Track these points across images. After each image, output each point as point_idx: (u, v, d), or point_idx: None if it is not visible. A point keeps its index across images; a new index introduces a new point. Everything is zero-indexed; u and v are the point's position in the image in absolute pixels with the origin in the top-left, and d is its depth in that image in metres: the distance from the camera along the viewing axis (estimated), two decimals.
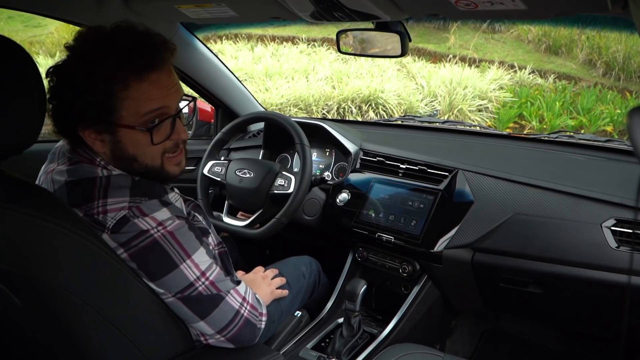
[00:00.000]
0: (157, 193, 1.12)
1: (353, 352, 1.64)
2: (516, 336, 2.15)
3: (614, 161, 1.81)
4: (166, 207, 1.10)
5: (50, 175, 1.15)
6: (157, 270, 1.07)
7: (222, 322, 1.14)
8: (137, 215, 1.05)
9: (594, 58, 8.21)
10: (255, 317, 1.21)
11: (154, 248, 1.05)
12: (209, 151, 2.04)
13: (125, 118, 1.07)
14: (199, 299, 1.11)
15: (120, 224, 1.05)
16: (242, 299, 1.19)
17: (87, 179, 1.10)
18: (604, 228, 1.51)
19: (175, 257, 1.07)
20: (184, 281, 1.08)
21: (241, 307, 1.18)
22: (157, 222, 1.06)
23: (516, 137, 2.24)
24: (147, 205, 1.07)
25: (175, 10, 1.60)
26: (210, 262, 1.14)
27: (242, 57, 8.44)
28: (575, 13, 1.13)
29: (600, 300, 1.57)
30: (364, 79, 7.63)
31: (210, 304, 1.12)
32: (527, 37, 8.95)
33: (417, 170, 1.89)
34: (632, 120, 0.53)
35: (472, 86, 7.25)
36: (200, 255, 1.12)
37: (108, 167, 1.13)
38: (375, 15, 1.37)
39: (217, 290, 1.13)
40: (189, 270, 1.09)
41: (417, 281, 1.80)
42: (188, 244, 1.09)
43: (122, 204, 1.06)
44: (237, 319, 1.16)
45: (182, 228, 1.10)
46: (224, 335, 1.16)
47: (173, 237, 1.07)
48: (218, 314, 1.13)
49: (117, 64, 1.04)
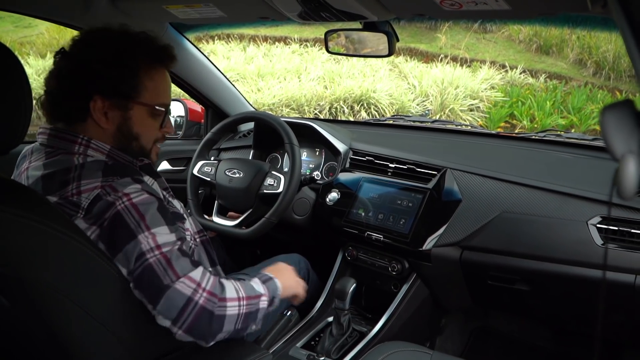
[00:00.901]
0: (129, 173, 1.15)
1: (342, 350, 1.64)
2: (505, 334, 2.16)
3: (601, 159, 1.82)
4: (139, 183, 1.13)
5: (25, 173, 1.18)
6: (118, 243, 1.07)
7: (174, 309, 1.07)
8: (109, 193, 1.08)
9: (584, 58, 8.26)
10: (213, 303, 1.11)
11: (117, 220, 1.07)
12: (199, 151, 2.04)
13: (145, 97, 1.22)
14: (148, 275, 1.06)
15: (93, 203, 1.07)
16: (196, 285, 1.10)
17: (63, 169, 1.13)
18: (590, 226, 1.52)
19: (135, 228, 1.07)
20: (138, 251, 1.06)
21: (195, 294, 1.09)
22: (123, 193, 1.08)
23: (504, 136, 2.25)
24: (120, 182, 1.10)
25: (164, 11, 1.61)
26: (172, 240, 1.11)
27: (234, 58, 8.44)
28: (558, 13, 1.14)
29: (586, 297, 1.58)
30: (356, 79, 7.65)
31: (159, 287, 1.06)
32: (518, 37, 8.99)
33: (406, 170, 1.90)
34: (604, 118, 0.55)
35: (463, 86, 7.28)
36: (162, 229, 1.10)
37: (88, 149, 1.16)
38: (362, 15, 1.38)
39: (169, 266, 1.08)
40: (145, 240, 1.07)
41: (406, 279, 1.81)
42: (150, 218, 1.09)
43: (95, 184, 1.09)
44: (190, 307, 1.08)
45: (149, 203, 1.11)
46: (180, 327, 1.08)
47: (135, 209, 1.08)
48: (166, 300, 1.07)
49: (146, 51, 1.21)
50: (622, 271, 1.46)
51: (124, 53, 1.17)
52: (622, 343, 1.71)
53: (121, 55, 1.16)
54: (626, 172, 0.52)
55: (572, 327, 1.90)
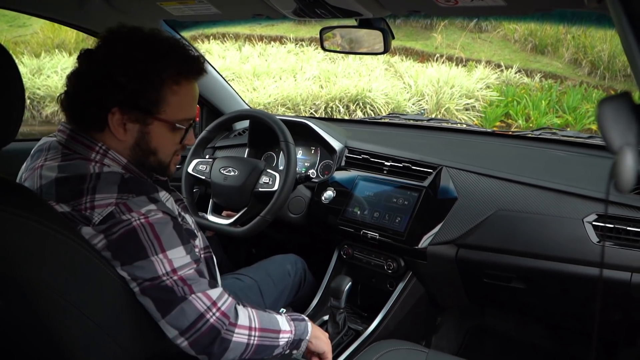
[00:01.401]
0: (145, 190, 1.11)
1: (338, 348, 1.64)
2: (501, 332, 2.16)
3: (596, 157, 1.82)
4: (154, 203, 1.09)
5: (38, 171, 1.13)
6: (128, 256, 1.04)
7: (183, 323, 1.07)
8: (123, 212, 1.05)
9: (579, 57, 8.29)
10: (223, 325, 1.11)
11: (130, 235, 1.04)
12: (194, 149, 2.03)
13: (167, 113, 1.15)
14: (163, 291, 1.06)
15: (106, 219, 1.04)
16: (211, 303, 1.10)
17: (77, 175, 1.09)
18: (586, 223, 1.52)
19: (148, 248, 1.05)
20: (152, 272, 1.05)
21: (208, 312, 1.09)
22: (140, 214, 1.05)
23: (500, 134, 2.26)
24: (135, 201, 1.07)
25: (158, 8, 1.60)
26: (188, 262, 1.10)
27: (229, 57, 8.43)
28: (553, 9, 1.14)
29: (582, 295, 1.58)
30: (351, 78, 7.65)
31: (173, 300, 1.06)
32: (513, 37, 9.00)
33: (401, 168, 1.89)
34: (601, 111, 0.54)
35: (459, 85, 7.30)
36: (177, 252, 1.08)
37: (107, 154, 1.13)
38: (357, 11, 1.37)
39: (185, 286, 1.07)
40: (160, 264, 1.05)
41: (402, 278, 1.81)
42: (166, 239, 1.07)
43: (109, 199, 1.05)
44: (200, 323, 1.08)
45: (165, 224, 1.08)
46: (186, 337, 1.08)
47: (152, 229, 1.05)
48: (179, 313, 1.07)
49: (174, 64, 1.13)
50: (618, 269, 1.46)
51: (149, 64, 1.10)
52: (617, 341, 1.71)
53: (146, 68, 1.10)
54: (624, 165, 0.52)
55: (568, 325, 1.90)
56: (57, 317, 1.00)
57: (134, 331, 1.10)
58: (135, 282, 1.06)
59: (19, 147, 1.23)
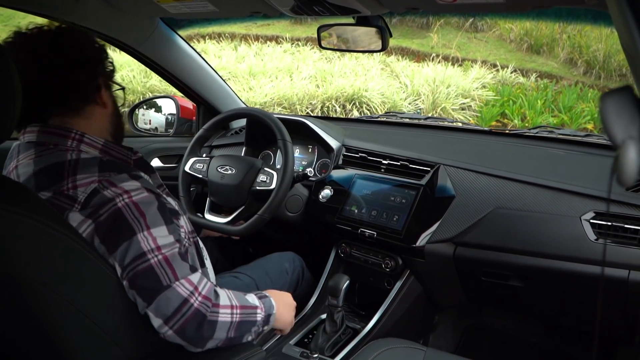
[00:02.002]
0: (125, 169, 1.13)
1: (336, 347, 1.64)
2: (499, 330, 2.16)
3: (593, 155, 1.83)
4: (137, 180, 1.11)
5: (14, 172, 1.14)
6: (116, 238, 1.05)
7: (168, 310, 1.06)
8: (106, 187, 1.06)
9: (575, 57, 8.30)
10: (207, 308, 1.11)
11: (116, 216, 1.05)
12: (190, 148, 2.02)
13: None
14: (148, 274, 1.05)
15: (90, 197, 1.05)
16: (193, 288, 1.09)
17: (55, 164, 1.10)
18: (583, 221, 1.52)
19: (134, 226, 1.06)
20: (136, 250, 1.05)
21: (191, 297, 1.08)
22: (124, 190, 1.07)
23: (497, 132, 2.26)
24: (117, 178, 1.09)
25: (155, 5, 1.59)
26: (171, 241, 1.10)
27: (225, 57, 8.41)
28: (552, 6, 1.14)
29: (579, 293, 1.58)
30: (347, 78, 7.64)
31: (157, 289, 1.05)
32: (509, 37, 9.01)
33: (399, 166, 1.89)
34: (604, 105, 0.54)
35: (455, 85, 7.30)
36: (161, 231, 1.09)
37: (81, 144, 1.14)
38: (356, 9, 1.37)
39: (169, 267, 1.07)
40: (145, 241, 1.06)
41: (400, 276, 1.81)
42: (150, 217, 1.08)
43: (92, 178, 1.08)
44: (184, 309, 1.07)
45: (149, 202, 1.10)
46: (171, 326, 1.07)
47: (136, 207, 1.07)
48: (163, 300, 1.06)
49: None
50: (616, 266, 1.47)
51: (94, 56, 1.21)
52: (615, 339, 1.72)
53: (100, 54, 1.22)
54: (627, 158, 0.51)
55: (566, 323, 1.91)
56: (54, 315, 0.99)
57: (131, 329, 1.09)
58: (124, 271, 1.06)
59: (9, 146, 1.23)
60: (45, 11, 1.72)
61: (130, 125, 2.51)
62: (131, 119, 2.51)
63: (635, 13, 0.53)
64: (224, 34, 9.10)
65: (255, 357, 1.21)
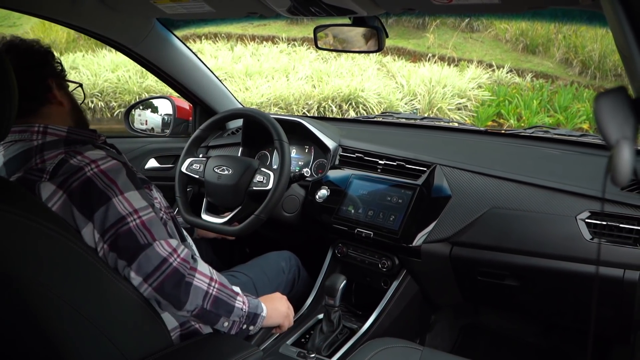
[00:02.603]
0: (90, 142, 1.20)
1: (333, 347, 1.64)
2: (495, 330, 2.17)
3: (589, 155, 1.84)
4: (102, 150, 1.16)
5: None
6: (91, 205, 1.09)
7: (148, 267, 1.11)
8: (73, 156, 1.12)
9: (570, 57, 8.33)
10: (185, 268, 1.16)
11: (88, 184, 1.09)
12: (187, 148, 2.01)
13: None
14: (128, 237, 1.10)
15: (59, 166, 1.10)
16: (172, 250, 1.15)
17: (22, 151, 1.15)
18: (579, 220, 1.53)
19: (108, 192, 1.10)
20: (115, 214, 1.10)
21: (170, 256, 1.14)
22: (91, 160, 1.12)
23: (493, 132, 2.26)
24: (83, 148, 1.15)
25: (151, 6, 1.59)
26: (145, 205, 1.16)
27: (221, 57, 8.42)
28: (547, 7, 1.14)
29: (575, 292, 1.59)
30: (344, 78, 7.66)
31: (138, 248, 1.11)
32: (505, 37, 9.04)
33: (395, 166, 1.89)
34: (598, 105, 0.54)
35: (451, 85, 7.32)
36: (134, 195, 1.14)
37: (46, 135, 1.18)
38: (352, 10, 1.37)
39: (146, 230, 1.13)
40: (121, 205, 1.11)
41: (397, 276, 1.81)
42: (121, 182, 1.13)
43: (58, 151, 1.13)
44: (163, 267, 1.13)
45: (117, 170, 1.14)
46: (150, 283, 1.11)
47: (105, 175, 1.11)
48: (144, 258, 1.11)
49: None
50: (611, 265, 1.47)
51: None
52: (611, 338, 1.72)
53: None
54: (620, 158, 0.52)
55: (562, 322, 1.91)
56: (52, 315, 0.99)
57: (128, 330, 1.10)
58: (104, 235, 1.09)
59: None
60: (42, 12, 1.72)
61: (126, 125, 2.51)
62: (127, 120, 2.51)
63: (628, 14, 0.53)
64: (220, 34, 9.10)
65: (253, 357, 1.21)
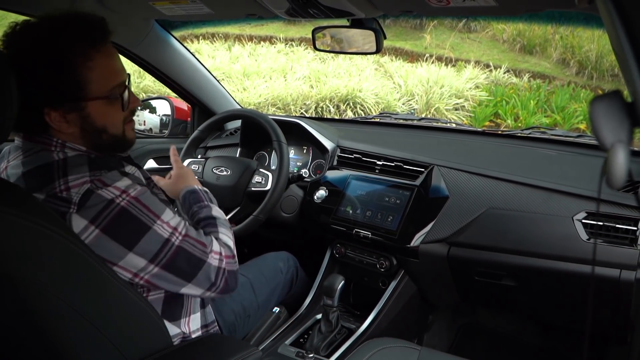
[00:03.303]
0: (114, 166, 1.13)
1: (331, 347, 1.65)
2: (492, 330, 2.18)
3: (586, 156, 1.85)
4: (126, 176, 1.12)
5: (4, 172, 1.14)
6: (132, 236, 1.08)
7: (208, 282, 1.18)
8: (99, 187, 1.06)
9: (567, 57, 8.34)
10: (233, 264, 1.25)
11: (124, 215, 1.07)
12: (186, 149, 2.02)
13: (94, 91, 1.11)
14: (180, 255, 1.13)
15: (85, 197, 1.05)
16: (219, 255, 1.21)
17: (43, 164, 1.10)
18: (576, 221, 1.54)
19: (145, 220, 1.09)
20: (159, 239, 1.10)
21: (221, 262, 1.21)
22: (121, 190, 1.07)
23: (490, 133, 2.27)
24: (108, 176, 1.08)
25: (150, 7, 1.59)
26: (179, 219, 1.17)
27: (219, 57, 8.40)
28: (544, 9, 1.15)
29: (572, 292, 1.60)
30: (341, 78, 7.65)
31: (194, 263, 1.16)
32: (502, 37, 9.05)
33: (393, 167, 1.90)
34: (593, 109, 0.55)
35: (448, 85, 7.32)
36: (168, 214, 1.14)
37: (65, 148, 1.12)
38: (350, 12, 1.38)
39: (195, 241, 1.16)
40: (162, 228, 1.11)
41: (395, 276, 1.82)
42: (154, 206, 1.12)
43: (83, 178, 1.07)
44: (220, 274, 1.20)
45: (145, 193, 1.12)
46: (214, 291, 1.21)
47: (139, 202, 1.09)
48: (203, 275, 1.17)
49: (74, 36, 1.08)
50: (607, 266, 1.48)
51: (55, 52, 1.06)
52: (607, 338, 1.73)
53: (54, 56, 1.06)
54: (615, 161, 0.53)
55: (559, 322, 1.92)
56: (52, 316, 0.99)
57: (129, 331, 1.10)
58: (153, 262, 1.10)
59: None
60: (40, 13, 1.72)
61: None
62: None
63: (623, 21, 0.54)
64: (217, 34, 9.09)
65: (252, 357, 1.22)
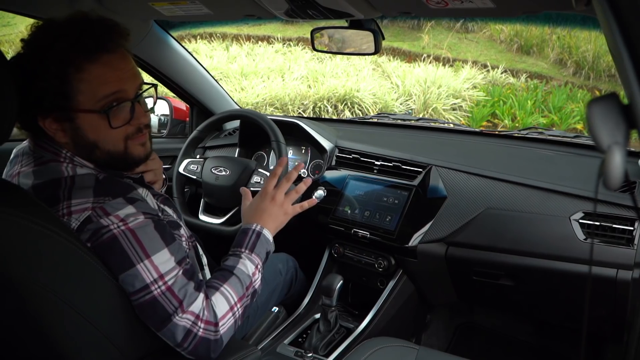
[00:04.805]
0: (121, 191, 1.08)
1: (330, 346, 1.65)
2: (490, 329, 2.19)
3: (583, 156, 1.85)
4: (132, 204, 1.07)
5: (16, 178, 1.12)
6: (115, 267, 1.04)
7: (176, 339, 1.08)
8: (100, 216, 1.03)
9: (564, 58, 8.36)
10: (210, 332, 1.11)
11: (112, 244, 1.03)
12: (184, 149, 2.03)
13: (82, 103, 1.06)
14: (152, 306, 1.06)
15: (84, 224, 1.03)
16: (195, 317, 1.09)
17: (53, 180, 1.07)
18: (573, 221, 1.55)
19: (132, 256, 1.03)
20: (139, 282, 1.04)
21: (194, 326, 1.09)
22: (119, 219, 1.04)
23: (488, 134, 2.28)
24: (111, 204, 1.05)
25: (149, 8, 1.60)
26: (173, 266, 1.08)
27: (217, 57, 8.40)
28: (542, 11, 1.16)
29: (569, 292, 1.61)
30: (339, 78, 7.66)
31: (164, 319, 1.07)
32: (499, 37, 9.07)
33: (391, 167, 1.91)
34: (590, 111, 0.56)
35: (446, 85, 7.33)
36: (162, 256, 1.07)
37: (74, 160, 1.10)
38: (349, 13, 1.38)
39: (174, 297, 1.07)
40: (146, 272, 1.04)
41: (393, 276, 1.83)
42: (149, 243, 1.05)
43: (85, 204, 1.04)
44: (190, 338, 1.09)
45: (146, 227, 1.06)
46: (182, 350, 1.10)
47: (133, 235, 1.04)
48: (168, 332, 1.08)
49: (68, 46, 1.03)
50: (604, 265, 1.49)
51: (45, 59, 1.03)
52: (604, 337, 1.74)
53: (43, 62, 1.03)
54: (612, 163, 0.54)
55: (556, 322, 1.93)
56: (52, 317, 1.00)
57: (128, 331, 1.10)
58: (130, 297, 1.06)
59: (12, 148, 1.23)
60: (40, 14, 1.72)
61: None
62: None
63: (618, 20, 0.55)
64: (215, 34, 9.08)
65: (251, 357, 1.22)
